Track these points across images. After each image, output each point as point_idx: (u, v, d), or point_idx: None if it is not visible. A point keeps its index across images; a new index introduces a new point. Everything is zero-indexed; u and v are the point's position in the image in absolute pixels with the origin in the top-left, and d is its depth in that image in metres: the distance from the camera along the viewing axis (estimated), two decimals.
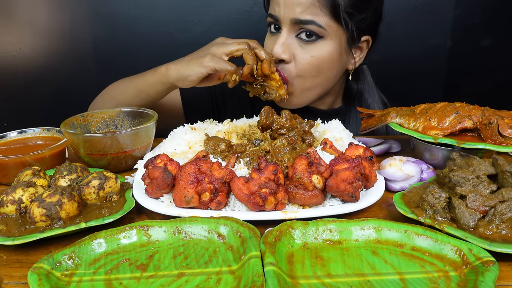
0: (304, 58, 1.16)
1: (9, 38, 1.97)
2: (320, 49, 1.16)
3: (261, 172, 0.79)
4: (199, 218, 0.76)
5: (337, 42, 1.17)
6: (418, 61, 2.02)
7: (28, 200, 0.78)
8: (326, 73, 1.20)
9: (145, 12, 1.94)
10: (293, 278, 0.63)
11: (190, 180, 0.79)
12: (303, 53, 1.16)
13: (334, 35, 1.16)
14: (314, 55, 1.16)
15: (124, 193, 0.85)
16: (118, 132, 1.00)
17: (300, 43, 1.16)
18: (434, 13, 1.96)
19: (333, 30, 1.15)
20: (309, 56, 1.16)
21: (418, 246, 0.70)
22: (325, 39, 1.15)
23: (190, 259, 0.69)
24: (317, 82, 1.21)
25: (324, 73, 1.20)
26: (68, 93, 2.02)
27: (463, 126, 0.93)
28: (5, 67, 2.00)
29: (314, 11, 1.12)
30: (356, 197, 0.79)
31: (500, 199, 0.72)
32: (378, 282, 0.62)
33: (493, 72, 2.03)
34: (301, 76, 1.18)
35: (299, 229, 0.73)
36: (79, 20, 1.94)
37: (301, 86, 1.20)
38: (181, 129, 1.05)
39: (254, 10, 1.93)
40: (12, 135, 1.11)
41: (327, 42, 1.16)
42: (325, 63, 1.18)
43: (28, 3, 1.92)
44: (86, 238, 0.71)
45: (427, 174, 0.92)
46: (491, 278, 0.59)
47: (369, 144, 1.14)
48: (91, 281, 0.64)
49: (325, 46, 1.16)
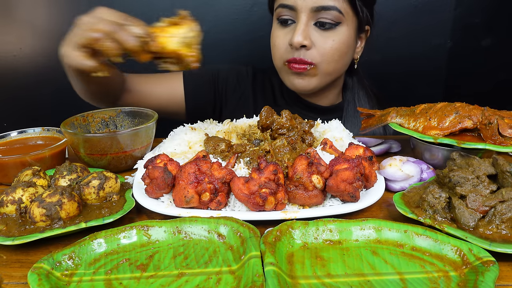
0: (325, 43, 1.19)
1: (9, 38, 1.97)
2: (339, 34, 1.20)
3: (261, 172, 0.79)
4: (199, 218, 0.76)
5: (351, 28, 1.22)
6: (418, 61, 2.02)
7: (28, 200, 0.78)
8: (345, 57, 1.26)
9: (145, 12, 1.94)
10: (293, 278, 0.63)
11: (190, 180, 0.79)
12: (323, 39, 1.19)
13: (350, 21, 1.20)
14: (335, 40, 1.20)
15: (124, 193, 0.85)
16: (118, 132, 1.00)
17: (318, 30, 1.19)
18: (434, 13, 1.96)
19: (349, 16, 1.20)
20: (331, 41, 1.19)
21: (418, 246, 0.70)
22: (342, 25, 1.19)
23: (190, 259, 0.69)
24: (338, 67, 1.26)
25: (343, 57, 1.25)
26: (68, 93, 2.00)
27: (463, 126, 0.93)
28: (6, 67, 2.00)
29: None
30: (356, 197, 0.79)
31: (500, 199, 0.72)
32: (378, 282, 0.62)
33: (493, 72, 2.03)
34: (325, 61, 1.22)
35: (299, 229, 0.73)
36: None
37: (324, 70, 1.24)
38: (181, 129, 1.05)
39: (254, 10, 1.93)
40: (12, 135, 1.11)
41: (344, 28, 1.20)
42: (344, 48, 1.22)
43: (28, 3, 1.92)
44: (86, 238, 0.71)
45: (427, 174, 0.92)
46: (491, 278, 0.59)
47: (369, 144, 1.14)
48: (91, 281, 0.64)
49: (343, 31, 1.20)
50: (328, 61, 1.22)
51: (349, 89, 1.41)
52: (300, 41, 1.17)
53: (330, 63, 1.23)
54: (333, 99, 1.39)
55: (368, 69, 1.48)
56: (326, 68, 1.23)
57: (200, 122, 1.13)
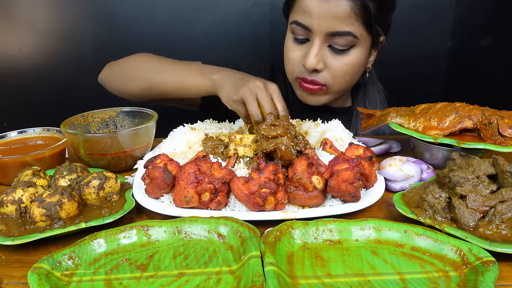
0: (337, 66, 1.20)
1: (9, 38, 1.96)
2: (352, 56, 1.19)
3: (261, 172, 0.79)
4: (199, 218, 0.76)
5: (365, 48, 1.21)
6: (418, 61, 2.02)
7: (28, 200, 0.78)
8: (356, 76, 1.27)
9: (145, 12, 1.94)
10: (293, 278, 0.63)
11: (190, 180, 0.79)
12: (336, 62, 1.19)
13: (364, 41, 1.19)
14: (347, 63, 1.20)
15: (124, 193, 0.85)
16: (118, 132, 1.00)
17: (332, 52, 1.19)
18: (434, 13, 1.96)
19: (364, 38, 1.19)
20: (342, 64, 1.20)
21: (418, 246, 0.70)
22: (356, 46, 1.19)
23: (190, 259, 0.69)
24: (349, 85, 1.28)
25: (355, 77, 1.26)
26: (68, 93, 2.01)
27: (463, 126, 0.93)
28: (6, 67, 2.00)
29: (350, 22, 1.14)
30: (357, 197, 0.79)
31: (500, 199, 0.72)
32: (378, 282, 0.62)
33: (493, 72, 2.03)
34: (336, 83, 1.23)
35: (299, 229, 0.73)
36: (79, 20, 1.94)
37: (336, 89, 1.26)
38: (181, 129, 1.05)
39: (254, 11, 1.92)
40: (12, 135, 1.11)
41: (358, 49, 1.19)
42: (356, 68, 1.23)
43: (28, 3, 1.92)
44: (86, 238, 0.71)
45: (427, 174, 0.92)
46: (491, 278, 0.59)
47: (369, 144, 1.14)
48: (91, 281, 0.64)
49: (356, 53, 1.20)
50: (339, 83, 1.23)
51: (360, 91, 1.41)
52: (313, 65, 1.17)
53: (342, 84, 1.24)
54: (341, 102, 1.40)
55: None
56: (338, 88, 1.25)
57: (200, 122, 1.13)
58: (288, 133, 0.89)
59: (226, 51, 1.96)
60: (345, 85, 1.26)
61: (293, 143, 0.88)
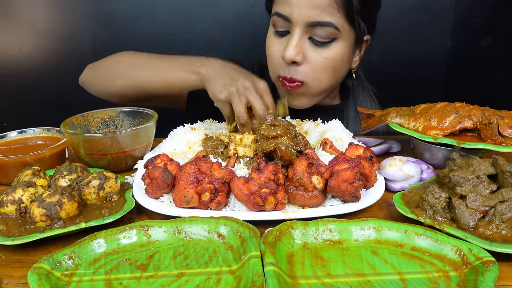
0: (317, 60, 1.15)
1: (9, 38, 1.97)
2: (333, 50, 1.15)
3: (261, 172, 0.79)
4: (199, 218, 0.76)
5: (347, 43, 1.17)
6: (418, 61, 2.02)
7: (28, 200, 0.78)
8: (338, 74, 1.21)
9: (145, 12, 1.94)
10: (293, 278, 0.63)
11: (190, 180, 0.79)
12: (316, 55, 1.14)
13: (347, 36, 1.15)
14: (328, 57, 1.15)
15: (124, 193, 0.85)
16: (118, 132, 1.00)
17: (312, 45, 1.14)
18: (434, 13, 1.96)
19: (346, 31, 1.14)
20: (323, 58, 1.15)
21: (418, 246, 0.70)
22: (338, 40, 1.14)
23: (190, 259, 0.69)
24: (330, 83, 1.22)
25: (337, 74, 1.20)
26: (68, 93, 2.01)
27: (463, 126, 0.93)
28: (6, 67, 2.01)
29: (331, 12, 1.10)
30: (357, 197, 0.79)
31: (500, 199, 0.72)
32: (378, 282, 0.62)
33: (493, 72, 2.03)
34: (317, 78, 1.17)
35: (299, 229, 0.73)
36: (79, 20, 1.94)
37: (317, 87, 1.20)
38: (181, 129, 1.05)
39: (254, 10, 1.93)
40: (12, 135, 1.11)
41: (339, 43, 1.15)
42: (338, 64, 1.18)
43: (28, 3, 1.92)
44: (86, 238, 0.71)
45: (427, 174, 0.92)
46: (491, 278, 0.59)
47: (369, 144, 1.14)
48: (91, 281, 0.64)
49: (338, 47, 1.15)
50: (319, 79, 1.18)
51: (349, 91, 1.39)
52: (292, 56, 1.12)
53: (322, 81, 1.18)
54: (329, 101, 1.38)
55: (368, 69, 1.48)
56: (318, 86, 1.19)
57: (200, 122, 1.13)
58: (288, 133, 0.89)
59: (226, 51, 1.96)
60: (325, 82, 1.19)
61: (293, 143, 0.88)
